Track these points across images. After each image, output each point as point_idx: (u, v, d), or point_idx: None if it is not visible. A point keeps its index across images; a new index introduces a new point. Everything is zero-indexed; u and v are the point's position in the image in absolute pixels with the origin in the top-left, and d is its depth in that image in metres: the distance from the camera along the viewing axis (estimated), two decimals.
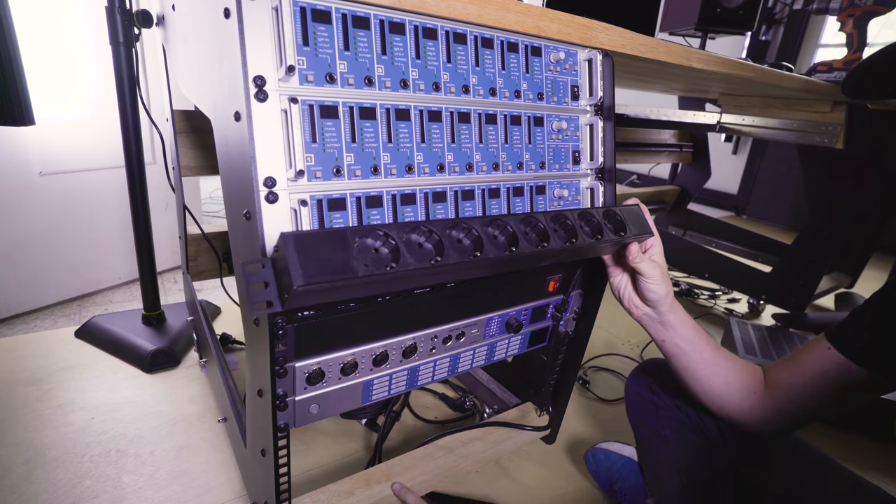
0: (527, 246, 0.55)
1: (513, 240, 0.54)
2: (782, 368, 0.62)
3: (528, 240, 0.55)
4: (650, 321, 0.70)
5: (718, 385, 0.66)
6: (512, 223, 0.55)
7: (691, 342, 0.67)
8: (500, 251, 0.53)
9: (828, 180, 1.51)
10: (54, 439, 0.92)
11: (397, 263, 0.46)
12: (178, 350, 1.20)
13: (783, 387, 0.61)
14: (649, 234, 0.67)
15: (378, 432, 0.98)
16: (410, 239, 0.48)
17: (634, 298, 0.70)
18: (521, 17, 0.59)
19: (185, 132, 0.99)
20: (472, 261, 0.51)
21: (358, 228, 0.46)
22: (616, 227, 0.63)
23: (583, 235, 0.60)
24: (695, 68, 0.82)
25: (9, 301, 1.46)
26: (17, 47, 0.93)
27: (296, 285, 0.40)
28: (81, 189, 1.56)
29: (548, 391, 0.91)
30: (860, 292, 1.94)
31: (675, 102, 2.13)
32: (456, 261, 0.49)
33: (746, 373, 0.65)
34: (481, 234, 0.52)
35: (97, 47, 1.49)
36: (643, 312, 0.70)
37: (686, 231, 2.24)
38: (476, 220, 0.53)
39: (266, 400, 0.55)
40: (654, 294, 0.67)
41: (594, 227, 0.61)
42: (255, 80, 0.45)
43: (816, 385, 0.58)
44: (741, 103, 1.62)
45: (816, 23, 3.21)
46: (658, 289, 0.66)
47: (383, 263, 0.45)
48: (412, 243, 0.48)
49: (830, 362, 0.56)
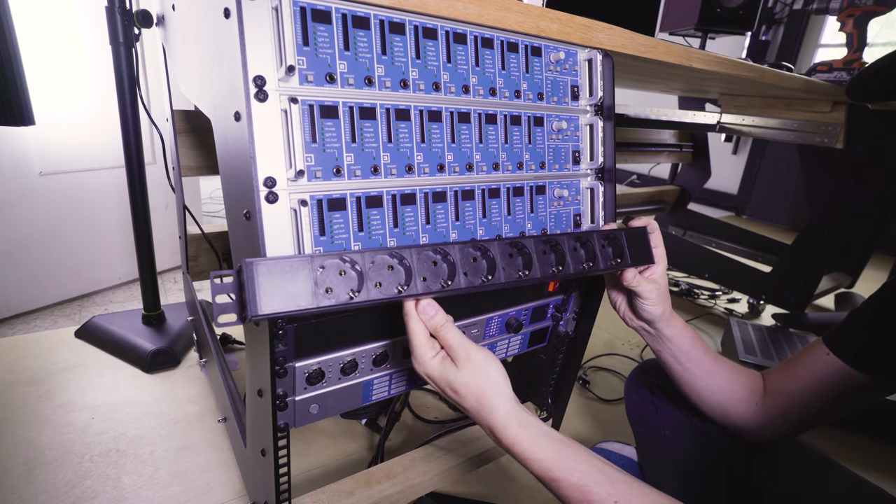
0: (507, 274, 0.53)
1: (492, 268, 0.52)
2: (781, 374, 0.62)
3: (511, 266, 0.53)
4: (645, 333, 0.69)
5: (718, 395, 0.65)
6: (494, 249, 0.53)
7: (688, 354, 0.66)
8: (476, 278, 0.51)
9: (828, 180, 1.51)
10: (54, 439, 0.92)
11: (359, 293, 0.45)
12: (178, 350, 1.20)
13: (783, 393, 0.60)
14: (649, 262, 0.65)
15: (378, 432, 0.98)
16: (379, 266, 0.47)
17: (629, 313, 0.69)
18: (521, 17, 0.59)
19: (185, 132, 0.99)
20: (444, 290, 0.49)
21: (322, 256, 0.45)
22: (614, 253, 0.61)
23: (572, 263, 0.57)
24: (695, 68, 0.82)
25: (9, 301, 1.46)
26: (17, 47, 0.93)
27: (251, 314, 0.40)
28: (81, 189, 1.56)
29: (548, 391, 0.91)
30: (860, 292, 1.94)
31: (675, 102, 2.13)
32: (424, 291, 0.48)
33: (746, 381, 0.65)
34: (456, 260, 0.50)
35: (97, 47, 1.50)
36: (637, 325, 0.69)
37: (686, 231, 2.24)
38: (454, 246, 0.51)
39: (266, 400, 0.55)
40: (650, 314, 0.65)
41: (588, 253, 0.59)
42: (255, 80, 0.45)
43: (816, 391, 0.57)
44: (741, 103, 1.62)
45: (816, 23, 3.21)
46: (654, 309, 0.65)
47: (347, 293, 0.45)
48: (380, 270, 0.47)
49: (829, 367, 0.56)
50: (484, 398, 0.49)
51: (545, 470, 0.47)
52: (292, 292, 0.42)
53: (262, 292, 0.41)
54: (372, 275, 0.46)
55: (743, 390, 0.64)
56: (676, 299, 1.87)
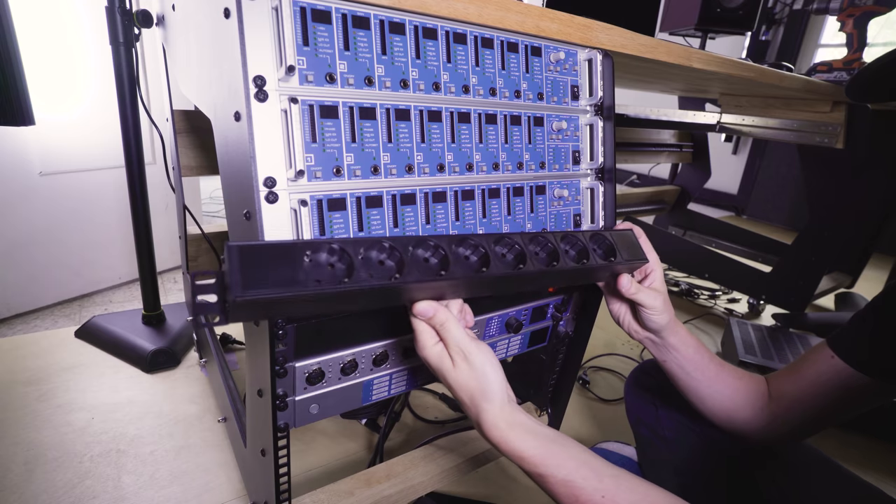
0: (501, 268, 0.52)
1: (485, 260, 0.51)
2: (785, 378, 0.61)
3: (503, 262, 0.52)
4: (651, 344, 0.68)
5: (724, 401, 0.65)
6: (485, 244, 0.52)
7: (693, 361, 0.66)
8: (470, 270, 0.50)
9: (828, 180, 1.51)
10: (54, 439, 0.92)
11: (350, 279, 0.43)
12: (178, 350, 1.20)
13: (787, 397, 0.60)
14: (643, 260, 0.63)
15: (378, 432, 0.98)
16: (370, 256, 0.46)
17: (634, 325, 0.68)
18: (521, 17, 0.59)
19: (185, 132, 0.99)
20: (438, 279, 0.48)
21: (310, 242, 0.43)
22: (606, 252, 0.59)
23: (566, 259, 0.56)
24: (695, 68, 0.82)
25: (9, 301, 1.46)
26: (17, 47, 0.93)
27: (234, 296, 0.38)
28: (81, 189, 1.56)
29: (548, 391, 0.91)
30: (860, 292, 1.94)
31: (675, 102, 2.13)
32: (417, 279, 0.47)
33: (751, 386, 0.64)
34: (448, 253, 0.49)
35: (97, 47, 1.50)
36: (643, 336, 0.68)
37: (686, 231, 2.24)
38: (445, 239, 0.50)
39: (266, 400, 0.55)
40: (656, 324, 0.64)
41: (580, 252, 0.58)
42: (255, 80, 0.45)
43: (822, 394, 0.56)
44: (741, 103, 1.62)
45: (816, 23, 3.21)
46: (660, 318, 0.63)
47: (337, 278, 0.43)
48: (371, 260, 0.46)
49: (834, 370, 0.55)
50: (476, 397, 0.50)
51: (532, 466, 0.48)
52: (277, 276, 0.40)
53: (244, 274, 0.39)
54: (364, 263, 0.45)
55: (748, 396, 0.63)
56: (676, 299, 1.87)
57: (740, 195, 3.61)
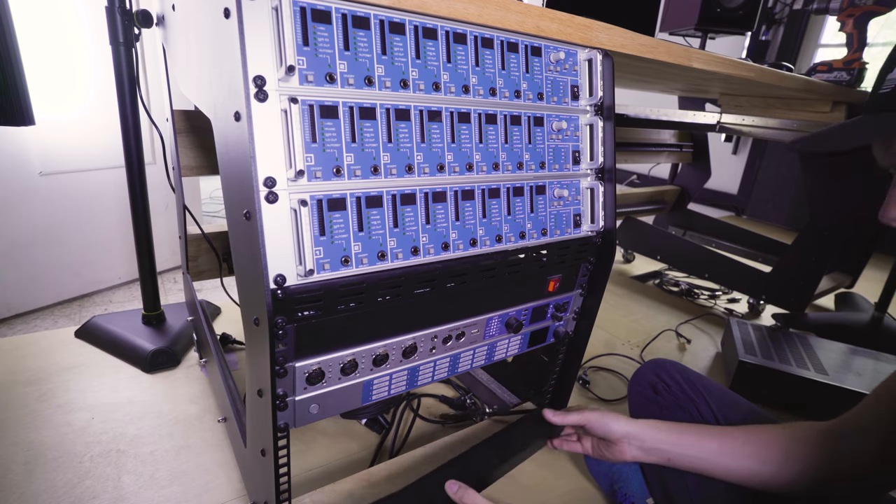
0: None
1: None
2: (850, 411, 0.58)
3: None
4: (641, 454, 0.70)
5: (745, 467, 0.62)
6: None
7: (688, 446, 0.67)
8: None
9: (828, 181, 1.51)
10: (54, 439, 0.92)
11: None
12: (178, 350, 1.20)
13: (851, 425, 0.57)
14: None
15: (378, 432, 0.98)
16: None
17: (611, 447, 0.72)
18: (521, 17, 0.59)
19: (185, 132, 0.99)
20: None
21: None
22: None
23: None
24: (695, 68, 0.82)
25: (9, 301, 1.46)
26: (17, 47, 0.93)
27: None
28: (81, 189, 1.56)
29: (548, 391, 0.91)
30: (860, 292, 1.94)
31: (675, 102, 2.13)
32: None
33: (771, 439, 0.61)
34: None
35: (97, 47, 1.50)
36: (630, 456, 0.70)
37: (686, 231, 2.24)
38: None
39: (266, 400, 0.55)
40: (615, 432, 0.70)
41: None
42: (255, 80, 0.45)
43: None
44: (741, 103, 1.62)
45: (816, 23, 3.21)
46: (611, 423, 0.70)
47: None
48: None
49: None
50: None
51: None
52: None
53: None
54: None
55: (769, 450, 0.60)
56: (676, 299, 1.87)
57: (740, 195, 3.61)
